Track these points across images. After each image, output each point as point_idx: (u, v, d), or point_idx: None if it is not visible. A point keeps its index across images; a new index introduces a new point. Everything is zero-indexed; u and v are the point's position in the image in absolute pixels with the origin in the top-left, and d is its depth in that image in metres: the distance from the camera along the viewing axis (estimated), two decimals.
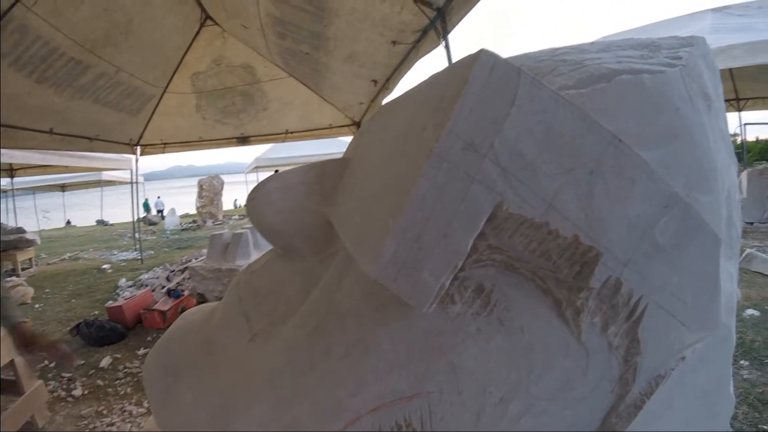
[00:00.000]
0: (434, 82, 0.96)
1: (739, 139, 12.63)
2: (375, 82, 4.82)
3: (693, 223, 0.91)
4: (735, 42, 5.49)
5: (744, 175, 8.24)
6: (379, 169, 0.97)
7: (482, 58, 0.77)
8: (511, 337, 0.87)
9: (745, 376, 3.03)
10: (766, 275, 5.00)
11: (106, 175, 15.30)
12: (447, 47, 3.23)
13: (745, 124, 12.03)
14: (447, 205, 0.75)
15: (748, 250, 5.51)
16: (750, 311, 3.99)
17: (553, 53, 1.18)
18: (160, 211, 22.49)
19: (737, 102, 10.45)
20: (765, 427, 2.52)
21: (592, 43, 1.29)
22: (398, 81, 4.57)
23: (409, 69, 4.27)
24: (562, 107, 0.80)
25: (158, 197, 24.63)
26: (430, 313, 0.84)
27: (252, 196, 1.24)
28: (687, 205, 0.90)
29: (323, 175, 1.22)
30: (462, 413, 0.87)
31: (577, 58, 1.10)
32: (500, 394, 0.87)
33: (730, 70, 8.70)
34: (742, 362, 3.20)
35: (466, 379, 0.87)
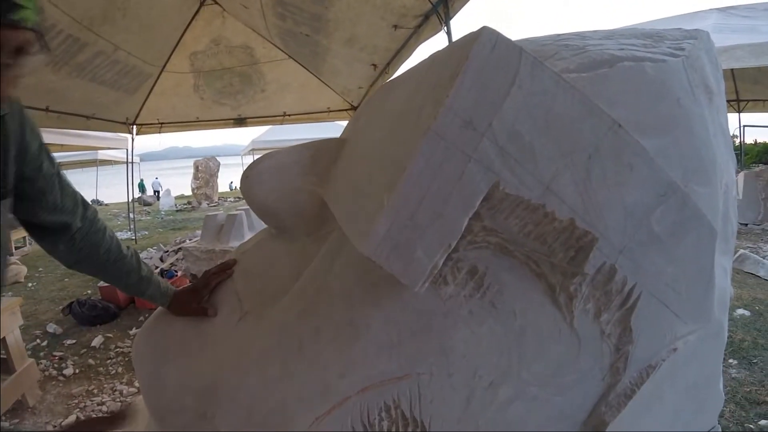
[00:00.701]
0: (434, 60, 0.94)
1: (737, 141, 12.63)
2: (375, 66, 4.77)
3: (690, 213, 0.90)
4: (737, 42, 5.46)
5: (740, 176, 8.24)
6: (376, 148, 0.96)
7: (483, 36, 0.75)
8: (503, 320, 0.86)
9: (733, 375, 3.04)
10: (757, 276, 5.01)
11: (102, 155, 15.17)
12: (448, 33, 3.19)
13: (745, 126, 12.02)
14: (443, 184, 0.73)
15: (741, 251, 5.52)
16: (740, 311, 4.00)
17: (556, 38, 1.17)
18: (157, 192, 22.35)
19: (737, 103, 10.43)
20: (751, 426, 2.53)
21: (595, 30, 1.28)
22: (399, 66, 4.52)
23: (409, 55, 4.23)
24: (562, 90, 0.78)
25: (156, 178, 24.47)
26: (422, 294, 0.83)
27: (245, 175, 1.23)
28: (685, 195, 0.89)
29: (318, 155, 1.21)
30: (452, 396, 0.86)
31: (579, 44, 1.09)
32: (491, 378, 0.86)
33: (732, 70, 8.66)
34: (730, 361, 3.21)
35: (457, 361, 0.86)
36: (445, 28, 3.19)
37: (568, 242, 0.82)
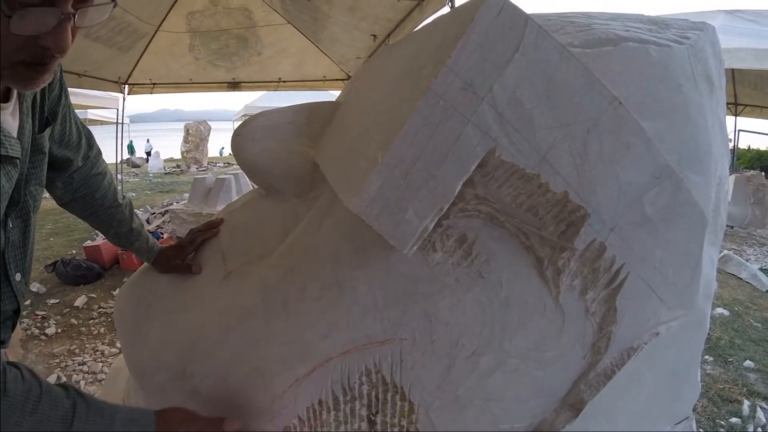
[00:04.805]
0: (437, 24, 0.93)
1: (731, 143, 12.68)
2: (375, 36, 4.68)
3: (683, 198, 0.89)
4: (742, 45, 5.49)
5: (731, 179, 8.30)
6: (372, 108, 0.94)
7: (490, 0, 0.74)
8: (488, 291, 0.86)
9: (708, 371, 3.10)
10: (739, 278, 5.08)
11: (92, 114, 14.89)
12: (453, 8, 3.15)
13: (740, 131, 12.07)
14: (439, 145, 0.72)
15: (725, 252, 5.58)
16: (720, 310, 4.07)
17: (561, 15, 1.15)
18: (149, 153, 22.00)
19: (735, 106, 10.44)
20: (722, 422, 2.59)
21: (602, 12, 1.26)
22: (399, 39, 4.47)
23: (412, 28, 4.14)
24: (566, 61, 0.77)
25: (147, 140, 24.09)
26: (410, 259, 0.82)
27: (237, 133, 1.21)
28: (679, 179, 0.88)
29: (313, 117, 1.19)
30: (433, 363, 0.86)
31: (585, 22, 1.07)
32: (473, 348, 0.86)
33: (733, 73, 8.67)
34: (706, 357, 3.26)
35: (440, 329, 0.86)
36: (450, 2, 3.14)
37: (560, 216, 0.81)
